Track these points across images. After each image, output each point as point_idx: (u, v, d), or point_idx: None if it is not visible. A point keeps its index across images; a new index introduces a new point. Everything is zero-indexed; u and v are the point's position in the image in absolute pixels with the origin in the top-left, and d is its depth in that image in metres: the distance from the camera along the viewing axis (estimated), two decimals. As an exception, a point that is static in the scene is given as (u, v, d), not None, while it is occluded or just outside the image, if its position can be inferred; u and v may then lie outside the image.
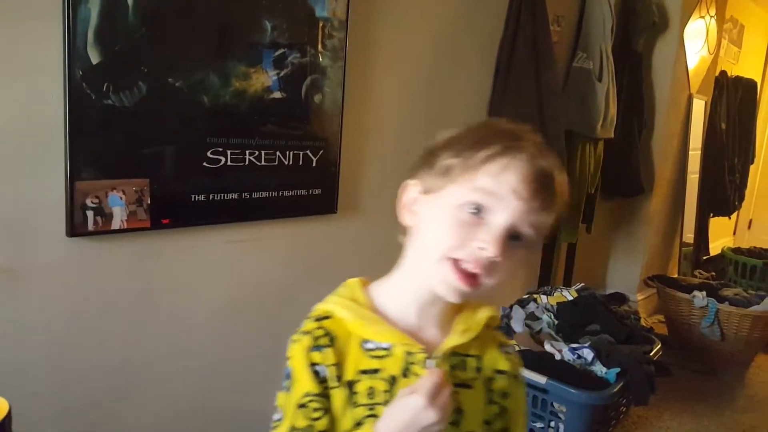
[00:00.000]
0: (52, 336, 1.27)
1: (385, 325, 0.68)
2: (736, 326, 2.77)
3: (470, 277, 0.63)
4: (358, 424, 0.66)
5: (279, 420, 0.68)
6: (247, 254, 1.58)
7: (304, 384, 0.66)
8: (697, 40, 3.40)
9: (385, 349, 0.68)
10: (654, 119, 3.26)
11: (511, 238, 0.63)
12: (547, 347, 1.88)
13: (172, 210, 1.38)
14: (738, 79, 4.33)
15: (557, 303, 2.17)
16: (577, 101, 2.59)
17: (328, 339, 0.67)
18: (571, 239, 2.82)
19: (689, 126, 3.57)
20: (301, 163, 1.59)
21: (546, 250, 2.79)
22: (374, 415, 0.66)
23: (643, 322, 2.51)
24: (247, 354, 1.64)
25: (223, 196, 1.46)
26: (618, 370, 1.79)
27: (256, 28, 1.44)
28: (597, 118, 2.61)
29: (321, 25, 1.56)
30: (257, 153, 1.49)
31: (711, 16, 3.52)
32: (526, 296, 2.23)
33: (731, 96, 4.17)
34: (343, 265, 1.82)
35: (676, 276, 3.52)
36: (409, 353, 0.67)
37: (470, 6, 2.08)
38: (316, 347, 0.67)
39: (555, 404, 1.77)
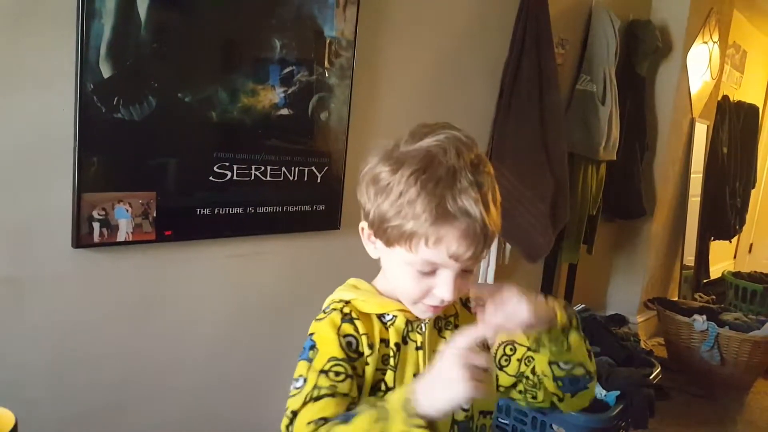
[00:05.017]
0: (55, 345, 1.28)
1: (388, 299, 0.78)
2: (736, 351, 2.76)
3: (437, 307, 0.74)
4: (373, 387, 0.73)
5: (299, 387, 0.70)
6: (248, 268, 1.59)
7: (330, 350, 0.71)
8: (700, 65, 3.43)
9: (391, 319, 0.77)
10: (656, 142, 3.28)
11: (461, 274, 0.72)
12: (547, 368, 1.88)
13: (177, 223, 1.39)
14: (740, 104, 4.37)
15: (557, 324, 2.17)
16: (580, 123, 2.61)
17: (355, 314, 0.75)
18: (572, 260, 2.82)
19: (691, 149, 3.59)
20: (306, 179, 1.61)
21: (547, 270, 2.80)
22: (383, 380, 0.74)
23: (642, 345, 2.51)
24: (248, 366, 1.64)
25: (228, 209, 1.47)
26: (618, 393, 1.79)
27: (266, 46, 1.46)
28: (599, 140, 2.63)
29: (329, 43, 1.58)
30: (263, 168, 1.51)
31: (714, 42, 3.56)
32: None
33: (733, 120, 4.19)
34: (345, 282, 1.82)
35: (676, 299, 3.52)
36: (408, 322, 0.77)
37: (476, 28, 2.11)
38: (347, 320, 0.74)
39: (554, 426, 1.76)
